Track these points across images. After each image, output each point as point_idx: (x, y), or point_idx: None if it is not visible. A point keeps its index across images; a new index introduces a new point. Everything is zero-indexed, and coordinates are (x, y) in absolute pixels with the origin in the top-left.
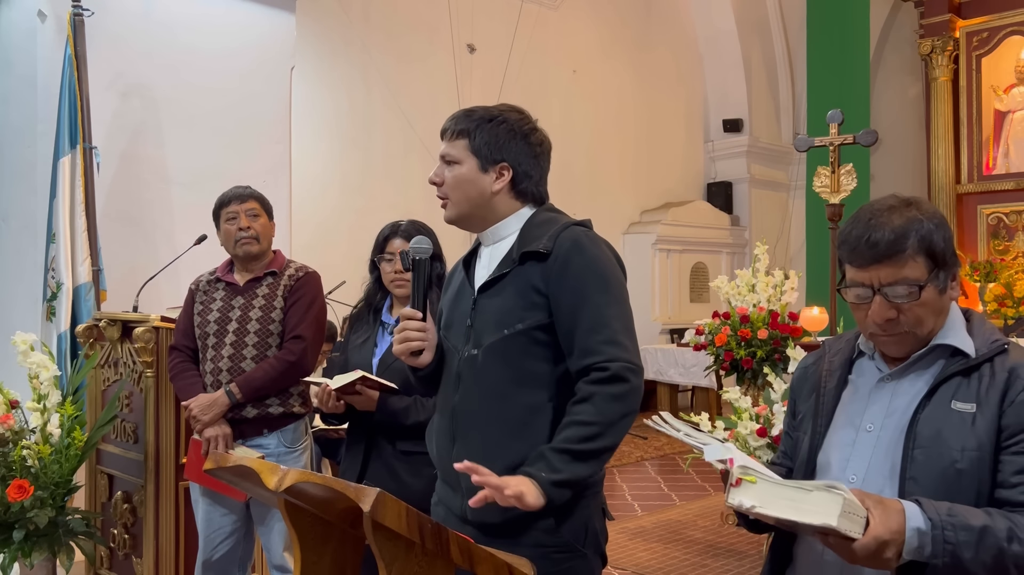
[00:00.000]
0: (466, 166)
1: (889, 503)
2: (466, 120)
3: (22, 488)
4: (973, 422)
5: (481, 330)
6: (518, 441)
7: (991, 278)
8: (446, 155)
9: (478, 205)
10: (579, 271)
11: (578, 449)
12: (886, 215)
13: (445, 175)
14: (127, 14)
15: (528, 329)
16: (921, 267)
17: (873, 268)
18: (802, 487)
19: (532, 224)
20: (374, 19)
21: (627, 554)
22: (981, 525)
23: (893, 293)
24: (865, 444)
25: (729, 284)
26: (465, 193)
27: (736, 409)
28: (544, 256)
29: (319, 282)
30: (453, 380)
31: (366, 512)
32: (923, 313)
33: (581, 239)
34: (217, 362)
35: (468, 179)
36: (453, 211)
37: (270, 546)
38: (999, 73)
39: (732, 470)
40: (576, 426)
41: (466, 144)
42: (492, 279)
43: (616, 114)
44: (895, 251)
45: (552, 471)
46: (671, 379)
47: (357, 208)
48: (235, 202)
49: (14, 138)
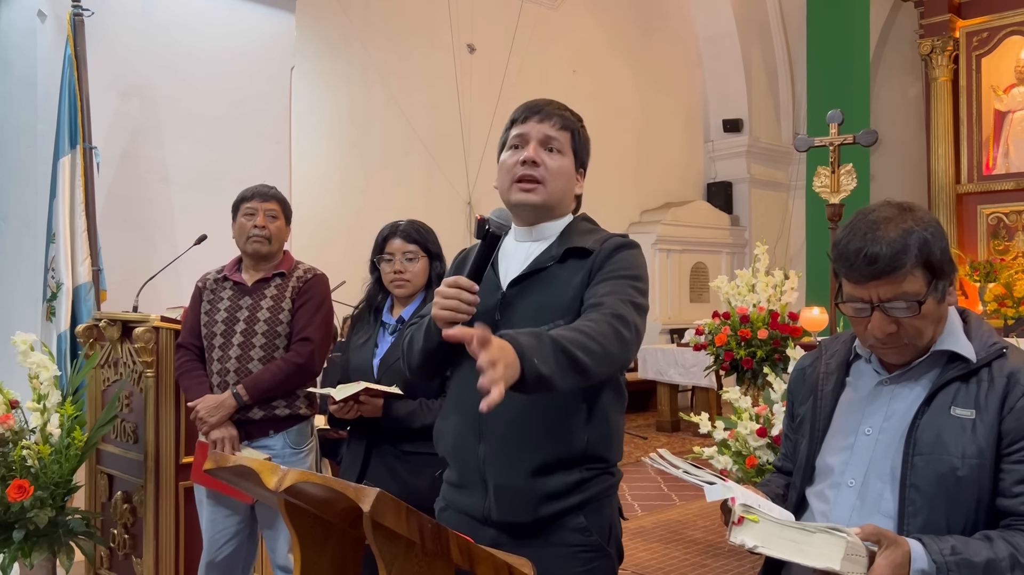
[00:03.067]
0: (568, 160)
1: (901, 542)
2: (569, 116)
3: (22, 488)
4: (973, 428)
5: (515, 325)
6: (551, 441)
7: (991, 278)
8: (554, 140)
9: (560, 200)
10: (619, 264)
11: (575, 356)
12: (883, 228)
13: (547, 161)
14: (127, 14)
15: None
16: (920, 280)
17: (872, 285)
18: (805, 528)
19: (575, 230)
20: (374, 19)
21: (627, 554)
22: (984, 560)
23: (893, 308)
24: (863, 448)
25: (729, 284)
26: (561, 185)
27: (736, 409)
28: (588, 253)
29: (327, 284)
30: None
31: (366, 512)
32: (923, 325)
33: (627, 244)
34: (224, 362)
35: (568, 173)
36: (543, 196)
37: (275, 547)
38: (999, 73)
39: (734, 509)
40: (582, 334)
41: (570, 139)
42: (527, 273)
43: (616, 114)
44: (894, 267)
45: (544, 363)
46: (671, 379)
47: (357, 208)
48: (257, 199)
49: (14, 138)
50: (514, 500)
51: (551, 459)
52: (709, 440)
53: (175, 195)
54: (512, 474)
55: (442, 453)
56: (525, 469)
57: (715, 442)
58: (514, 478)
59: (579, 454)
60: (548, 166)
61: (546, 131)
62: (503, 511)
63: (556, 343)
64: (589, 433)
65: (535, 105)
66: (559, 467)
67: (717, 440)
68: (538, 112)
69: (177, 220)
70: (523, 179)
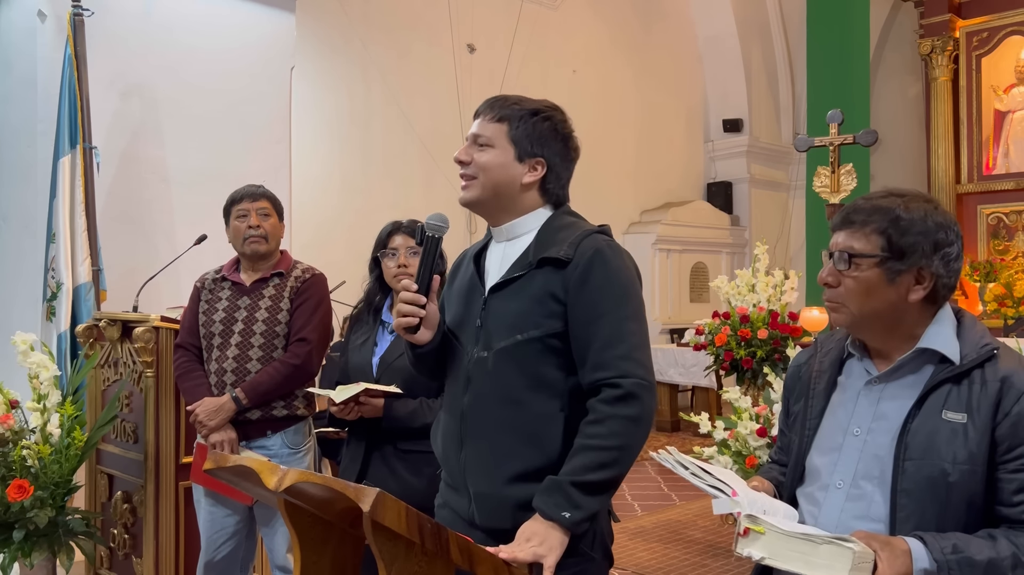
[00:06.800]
0: (501, 151)
1: (895, 544)
2: (509, 107)
3: (22, 488)
4: (965, 433)
5: (492, 332)
6: (529, 448)
7: (991, 278)
8: (480, 136)
9: (502, 194)
10: (599, 282)
11: (595, 479)
12: (876, 198)
13: (475, 156)
14: (127, 14)
15: (544, 336)
16: (871, 246)
17: (836, 233)
18: (811, 539)
19: (552, 227)
20: (374, 19)
21: (627, 554)
22: (986, 559)
23: (836, 259)
24: (852, 449)
25: (729, 284)
26: (494, 177)
27: (736, 409)
28: (564, 263)
29: (326, 284)
30: (462, 381)
31: (366, 512)
32: (855, 289)
33: (603, 249)
34: (222, 362)
35: (500, 164)
36: (474, 192)
37: (273, 547)
38: (999, 73)
39: (739, 521)
40: (591, 451)
41: (505, 130)
42: (505, 280)
43: (616, 114)
44: (852, 221)
45: (574, 509)
46: (671, 379)
47: (357, 208)
48: (247, 200)
49: (14, 138)
50: (493, 507)
51: (529, 468)
52: (709, 440)
53: (175, 195)
54: (490, 482)
55: (436, 454)
56: (502, 477)
57: (715, 442)
58: (492, 486)
59: (556, 463)
60: (476, 162)
61: (476, 129)
62: (483, 517)
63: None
64: (567, 443)
65: (480, 107)
66: (536, 476)
67: (717, 440)
68: (477, 115)
69: (177, 220)
70: (462, 179)
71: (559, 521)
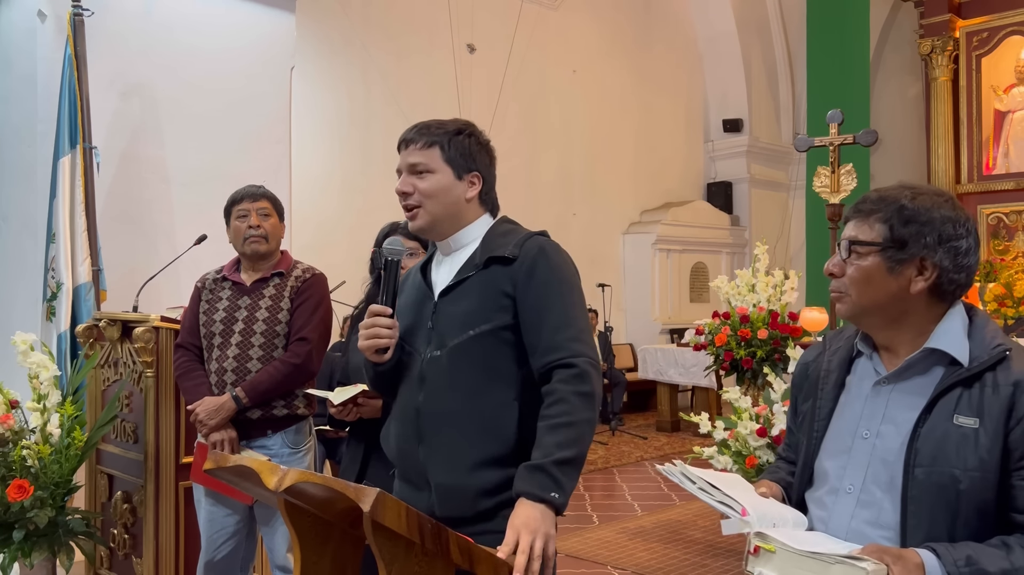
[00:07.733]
0: (441, 174)
1: (908, 557)
2: (434, 132)
3: (22, 488)
4: (976, 438)
5: (444, 332)
6: (488, 437)
7: (991, 278)
8: (417, 164)
9: (451, 213)
10: (545, 276)
11: (569, 455)
12: (890, 188)
13: (416, 184)
14: (127, 14)
15: (495, 329)
16: (874, 234)
17: (847, 224)
18: (822, 559)
19: (495, 233)
20: (374, 19)
21: (627, 554)
22: (1001, 570)
23: (841, 248)
24: (861, 452)
25: (729, 284)
26: (441, 201)
27: (736, 409)
28: (510, 261)
29: (326, 284)
30: (415, 382)
31: (366, 512)
32: (856, 277)
33: (546, 247)
34: (222, 362)
35: (444, 187)
36: (426, 219)
37: (273, 547)
38: (999, 73)
39: (749, 539)
40: (560, 429)
41: (439, 154)
42: (454, 283)
43: (616, 114)
44: (861, 211)
45: (559, 487)
46: (671, 379)
47: (357, 208)
48: (247, 200)
49: (14, 138)
50: (455, 496)
51: (489, 456)
52: (709, 440)
53: (175, 195)
54: (451, 472)
55: (388, 456)
56: (464, 466)
57: (715, 442)
58: (453, 476)
59: (512, 450)
60: (420, 189)
61: (409, 159)
62: (444, 507)
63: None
64: (522, 430)
65: (401, 139)
66: (496, 463)
67: (717, 440)
68: (402, 144)
69: (177, 220)
70: (406, 210)
71: (548, 501)
